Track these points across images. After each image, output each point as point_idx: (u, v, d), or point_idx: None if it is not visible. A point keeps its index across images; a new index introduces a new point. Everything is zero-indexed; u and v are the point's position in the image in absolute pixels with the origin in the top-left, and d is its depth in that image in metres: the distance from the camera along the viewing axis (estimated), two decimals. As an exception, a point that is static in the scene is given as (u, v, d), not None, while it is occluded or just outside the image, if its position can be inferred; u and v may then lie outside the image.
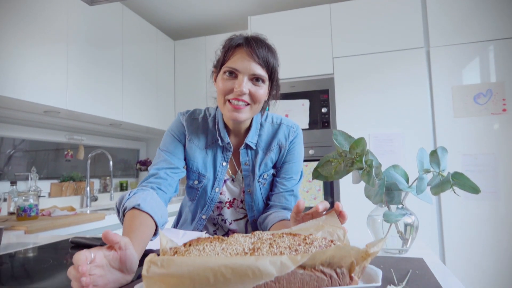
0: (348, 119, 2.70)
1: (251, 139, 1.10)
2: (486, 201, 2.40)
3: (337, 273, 0.57)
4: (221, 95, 1.00)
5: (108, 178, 3.20)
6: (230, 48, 0.99)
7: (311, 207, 1.06)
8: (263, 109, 1.12)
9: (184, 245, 0.59)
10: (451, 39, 2.57)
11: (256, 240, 0.62)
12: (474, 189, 0.74)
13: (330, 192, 2.74)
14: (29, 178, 2.38)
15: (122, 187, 3.40)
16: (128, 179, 3.57)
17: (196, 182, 1.11)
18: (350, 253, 0.56)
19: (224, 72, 0.99)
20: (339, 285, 0.56)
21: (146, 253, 0.90)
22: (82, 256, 0.55)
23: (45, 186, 2.63)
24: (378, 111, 2.66)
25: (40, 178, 2.58)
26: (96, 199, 2.90)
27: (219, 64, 1.02)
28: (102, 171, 3.29)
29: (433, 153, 0.81)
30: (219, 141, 1.09)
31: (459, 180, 0.75)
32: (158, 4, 3.25)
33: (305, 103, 2.85)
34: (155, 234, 0.87)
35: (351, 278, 0.58)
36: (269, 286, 0.54)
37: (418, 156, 0.84)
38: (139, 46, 3.10)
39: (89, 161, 2.86)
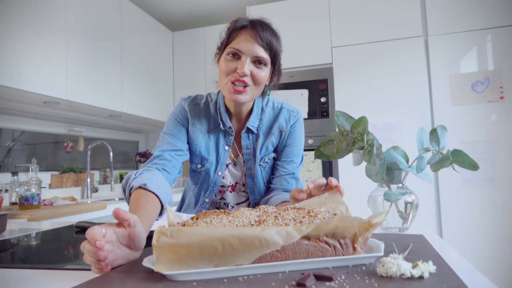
0: (347, 108, 2.71)
1: (252, 123, 1.11)
2: (484, 188, 2.42)
3: (340, 244, 0.58)
4: (223, 76, 1.01)
5: (108, 169, 3.21)
6: (234, 30, 1.00)
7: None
8: (264, 94, 1.13)
9: (192, 218, 0.61)
10: (449, 27, 2.58)
11: (261, 213, 0.63)
12: (473, 166, 0.76)
13: (330, 181, 2.76)
14: (30, 170, 2.39)
15: (122, 179, 3.41)
16: (128, 171, 3.58)
17: (199, 165, 1.12)
18: (353, 224, 0.57)
19: (228, 54, 0.99)
20: (343, 255, 0.58)
21: (151, 234, 0.91)
22: (97, 231, 0.57)
23: (45, 177, 2.63)
24: (377, 100, 2.67)
25: (40, 170, 2.58)
26: (96, 190, 2.92)
27: (223, 46, 1.03)
28: (102, 163, 3.30)
29: (433, 132, 0.82)
30: (221, 126, 1.11)
31: (458, 157, 0.77)
32: (156, -5, 3.24)
33: (304, 93, 2.85)
34: (160, 214, 0.89)
35: (354, 248, 0.59)
36: (275, 256, 0.55)
37: (418, 135, 0.85)
38: (137, 37, 3.10)
39: (89, 153, 2.87)
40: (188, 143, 1.13)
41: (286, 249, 0.55)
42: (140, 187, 0.86)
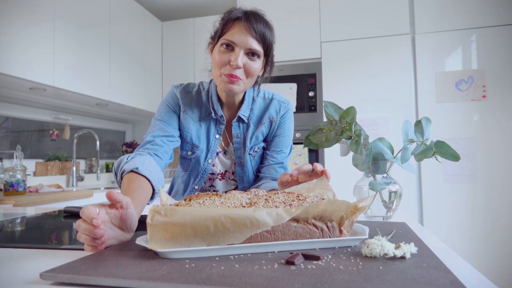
0: (334, 103, 2.75)
1: (243, 113, 1.13)
2: (464, 184, 2.50)
3: (327, 227, 0.61)
4: (217, 67, 1.02)
5: (94, 159, 3.18)
6: (228, 21, 1.01)
7: None
8: (256, 84, 1.15)
9: (185, 199, 0.63)
10: (436, 26, 2.64)
11: (252, 196, 0.65)
12: (455, 157, 0.79)
13: (316, 174, 2.80)
14: (14, 157, 2.35)
15: (108, 169, 3.39)
16: (114, 161, 3.55)
17: (189, 152, 1.14)
18: (341, 208, 0.60)
19: (221, 45, 1.00)
20: (330, 237, 0.61)
21: (145, 219, 0.92)
22: (92, 210, 0.58)
23: (30, 165, 2.60)
24: (364, 96, 2.71)
25: (24, 157, 2.55)
26: (82, 179, 2.89)
27: (217, 36, 1.03)
28: (88, 152, 3.27)
29: (418, 123, 0.85)
30: (213, 114, 1.12)
31: (441, 148, 0.80)
32: (146, -16, 3.20)
33: (293, 86, 2.88)
34: (151, 197, 0.90)
35: (340, 231, 0.62)
36: (265, 237, 0.57)
37: (403, 127, 0.88)
38: (126, 26, 3.07)
39: (75, 141, 2.84)
40: (179, 129, 1.14)
41: (276, 230, 0.58)
42: (132, 170, 0.87)
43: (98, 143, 2.79)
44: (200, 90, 1.17)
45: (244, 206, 0.61)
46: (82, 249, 0.64)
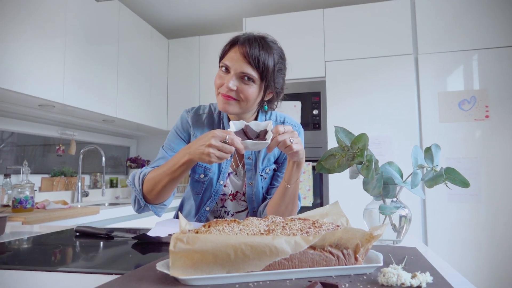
0: (338, 121, 2.78)
1: None
2: (468, 203, 2.50)
3: (343, 254, 0.62)
4: (216, 88, 1.07)
5: (98, 174, 3.20)
6: (227, 46, 1.07)
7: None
8: (262, 108, 1.17)
9: (204, 226, 0.64)
10: (438, 47, 2.68)
11: (270, 223, 0.67)
12: (464, 183, 0.81)
13: (320, 193, 2.81)
14: (21, 172, 2.37)
15: (112, 184, 3.40)
16: (118, 176, 3.57)
17: (202, 176, 1.15)
18: (356, 235, 0.61)
19: (221, 68, 1.06)
20: (345, 264, 0.62)
21: (157, 240, 0.94)
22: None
23: (35, 180, 2.62)
24: (367, 114, 2.74)
25: (30, 173, 2.56)
26: (87, 195, 2.90)
27: (219, 59, 1.08)
28: (92, 167, 3.29)
29: (428, 150, 0.87)
30: None
31: (451, 175, 0.82)
32: (154, 3, 3.27)
33: (297, 104, 2.91)
34: None
35: (356, 259, 0.63)
36: (282, 264, 0.59)
37: (412, 153, 0.90)
38: (134, 44, 3.12)
39: (81, 157, 2.86)
40: None
41: (293, 258, 0.59)
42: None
43: (103, 159, 2.81)
44: (211, 111, 1.20)
45: (263, 233, 0.62)
46: (99, 273, 0.65)
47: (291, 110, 2.90)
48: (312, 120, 2.88)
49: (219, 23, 3.70)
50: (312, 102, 2.90)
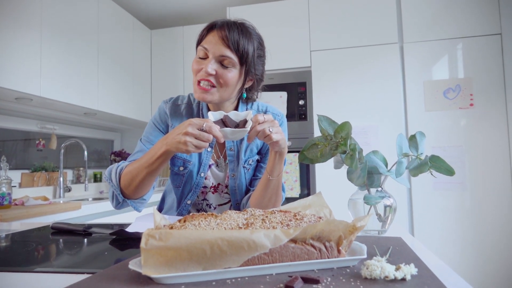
0: (324, 111, 2.76)
1: None
2: (453, 191, 2.52)
3: (326, 247, 0.60)
4: (193, 76, 1.03)
5: (81, 168, 3.13)
6: (204, 30, 1.03)
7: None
8: (241, 96, 1.13)
9: (179, 221, 0.61)
10: (423, 35, 2.67)
11: (249, 216, 0.64)
12: (449, 171, 0.79)
13: (307, 183, 2.80)
14: (-1, 168, 2.30)
15: (96, 178, 3.33)
16: (102, 170, 3.50)
17: (181, 168, 1.12)
18: (339, 227, 0.59)
19: (198, 53, 1.02)
20: (328, 257, 0.60)
21: (136, 236, 0.90)
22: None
23: (15, 176, 2.54)
24: (354, 104, 2.73)
25: (9, 168, 2.48)
26: (69, 190, 2.84)
27: (197, 45, 1.04)
28: (75, 162, 3.21)
29: (412, 138, 0.85)
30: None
31: (436, 163, 0.80)
32: (135, -8, 3.19)
33: (283, 95, 2.88)
34: None
35: (339, 251, 0.61)
36: (262, 259, 0.56)
37: (397, 141, 0.88)
38: (115, 34, 3.04)
39: (62, 151, 2.79)
40: None
41: (273, 252, 0.56)
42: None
43: (86, 153, 2.74)
44: (190, 102, 1.16)
45: (241, 227, 0.59)
46: (72, 273, 0.62)
47: (277, 101, 2.87)
48: (298, 111, 2.86)
49: (202, 12, 3.63)
50: (298, 92, 2.87)
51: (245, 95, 1.12)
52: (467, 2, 2.61)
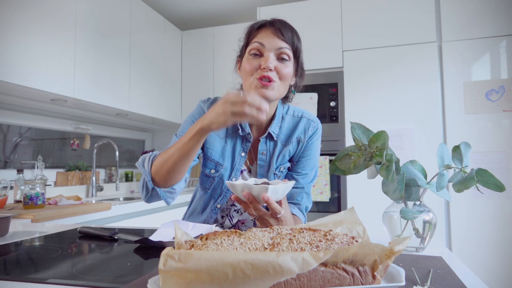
0: (356, 113, 2.67)
1: (273, 129, 1.09)
2: (494, 199, 2.37)
3: (359, 271, 0.55)
4: (247, 76, 0.98)
5: (113, 168, 3.19)
6: (253, 30, 1.01)
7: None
8: (289, 93, 1.11)
9: (201, 238, 0.57)
10: (463, 33, 2.53)
11: (275, 235, 0.59)
12: (499, 187, 0.71)
13: (337, 188, 2.72)
14: (36, 167, 2.37)
15: (128, 178, 3.39)
16: (134, 170, 3.56)
17: (213, 171, 1.09)
18: (374, 251, 0.53)
19: (250, 53, 0.98)
20: (362, 284, 0.54)
21: (160, 245, 0.88)
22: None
23: (50, 175, 2.62)
24: (388, 106, 2.62)
25: (45, 167, 2.57)
26: (101, 189, 2.90)
27: (243, 48, 1.01)
28: (107, 161, 3.28)
29: (456, 149, 0.78)
30: (240, 131, 1.08)
31: (484, 177, 0.72)
32: (166, -6, 3.21)
33: (313, 96, 2.81)
34: None
35: (373, 276, 0.55)
36: (289, 284, 0.51)
37: (438, 151, 0.81)
38: (146, 36, 3.07)
39: (95, 151, 2.85)
40: (203, 147, 1.10)
41: (301, 276, 0.52)
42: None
43: (117, 153, 2.79)
44: None
45: (266, 248, 0.55)
46: (90, 286, 0.60)
47: (307, 102, 2.80)
48: (329, 113, 2.78)
49: (233, 13, 3.61)
50: (329, 94, 2.80)
51: (294, 91, 1.11)
52: (512, -3, 2.44)
